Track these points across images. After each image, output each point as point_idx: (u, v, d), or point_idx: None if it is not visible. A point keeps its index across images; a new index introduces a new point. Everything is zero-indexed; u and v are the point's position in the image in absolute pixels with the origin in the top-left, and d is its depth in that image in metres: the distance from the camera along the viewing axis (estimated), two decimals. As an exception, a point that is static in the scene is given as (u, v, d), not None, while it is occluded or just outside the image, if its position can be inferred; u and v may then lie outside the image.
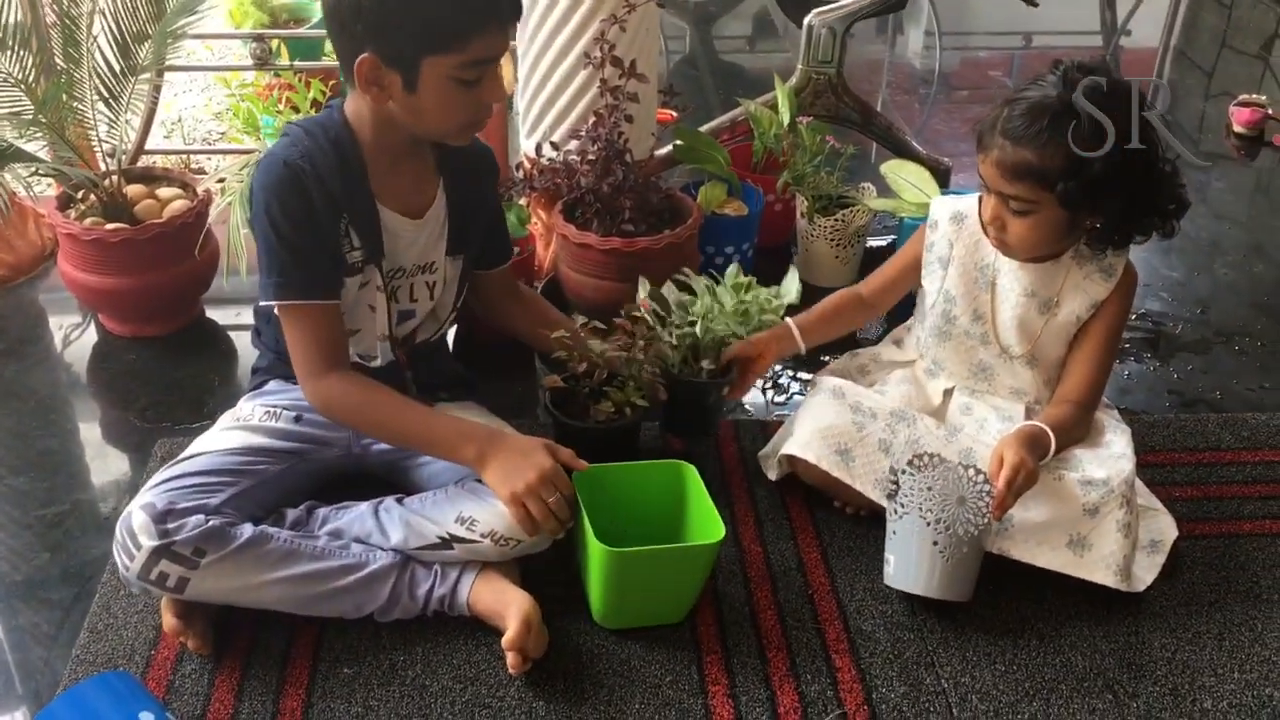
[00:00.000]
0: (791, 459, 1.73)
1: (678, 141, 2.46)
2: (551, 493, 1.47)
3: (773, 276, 2.53)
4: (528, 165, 2.27)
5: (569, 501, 1.50)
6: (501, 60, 1.50)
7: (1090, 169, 1.51)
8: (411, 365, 1.69)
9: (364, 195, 1.55)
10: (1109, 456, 1.65)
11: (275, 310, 1.55)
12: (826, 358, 1.91)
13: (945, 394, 1.80)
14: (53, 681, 1.48)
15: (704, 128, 2.61)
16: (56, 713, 1.27)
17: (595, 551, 1.47)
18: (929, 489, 1.51)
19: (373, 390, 1.56)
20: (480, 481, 1.55)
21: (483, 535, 1.51)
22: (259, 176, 1.51)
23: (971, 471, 1.51)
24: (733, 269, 1.91)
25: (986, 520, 1.52)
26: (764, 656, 1.53)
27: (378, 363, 1.65)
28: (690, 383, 1.78)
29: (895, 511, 1.55)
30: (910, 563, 1.55)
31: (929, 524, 1.51)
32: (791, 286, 1.85)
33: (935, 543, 1.51)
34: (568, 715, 1.43)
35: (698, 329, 1.78)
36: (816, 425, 1.69)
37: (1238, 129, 3.44)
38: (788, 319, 1.82)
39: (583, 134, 2.17)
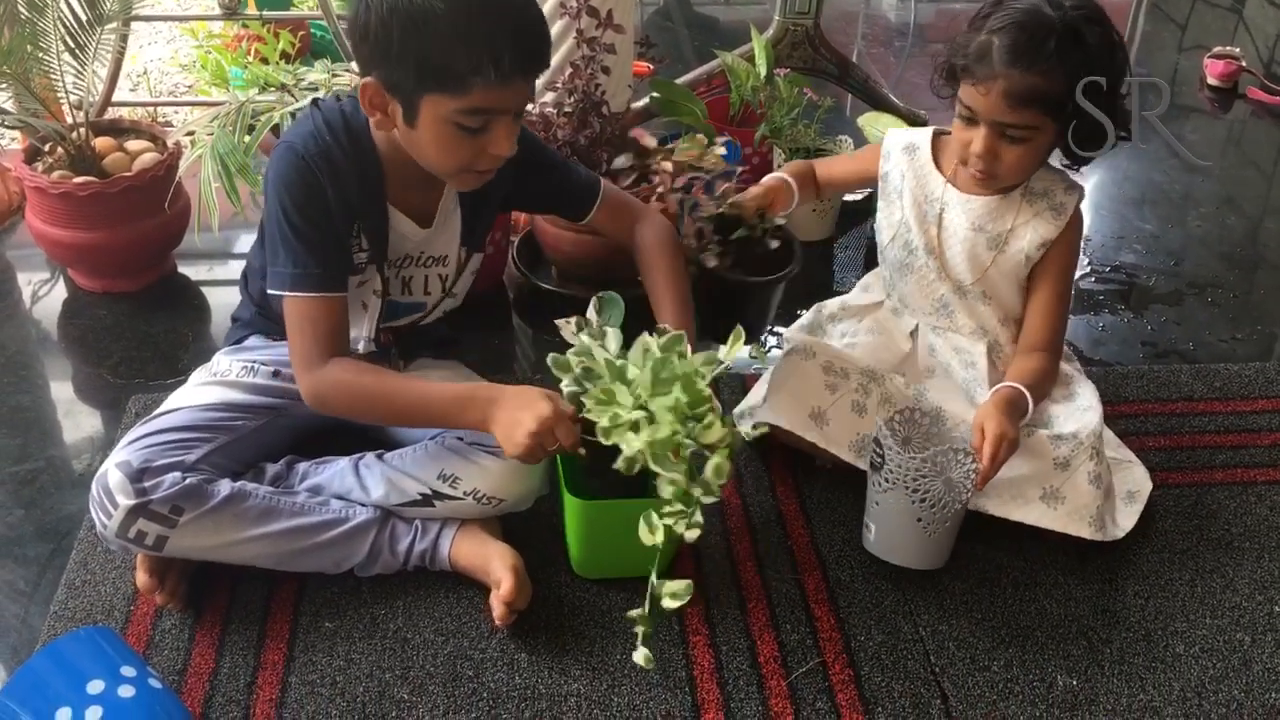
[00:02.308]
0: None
1: (655, 94, 2.44)
2: (553, 442, 1.39)
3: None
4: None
5: (570, 445, 1.42)
6: (512, 116, 1.41)
7: (1094, 88, 1.51)
8: (398, 340, 1.67)
9: (378, 200, 1.51)
10: (1076, 409, 1.67)
11: (283, 298, 1.50)
12: (800, 312, 1.91)
13: (911, 335, 1.80)
14: (31, 638, 1.47)
15: (681, 80, 2.58)
16: (37, 668, 1.26)
17: (568, 502, 1.48)
18: (916, 469, 1.50)
19: (364, 380, 1.47)
20: (461, 439, 1.55)
21: (465, 493, 1.51)
22: (274, 163, 1.47)
23: (961, 455, 1.51)
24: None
25: (969, 495, 1.53)
26: (744, 607, 1.54)
27: (360, 350, 1.63)
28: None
29: (879, 485, 1.55)
30: (893, 535, 1.56)
31: (914, 502, 1.51)
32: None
33: (920, 519, 1.52)
34: (549, 666, 1.44)
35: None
36: (789, 390, 1.68)
37: (1211, 82, 3.44)
38: (781, 174, 1.80)
39: (559, 86, 2.14)
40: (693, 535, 1.34)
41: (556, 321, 1.49)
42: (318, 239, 1.46)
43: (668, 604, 1.35)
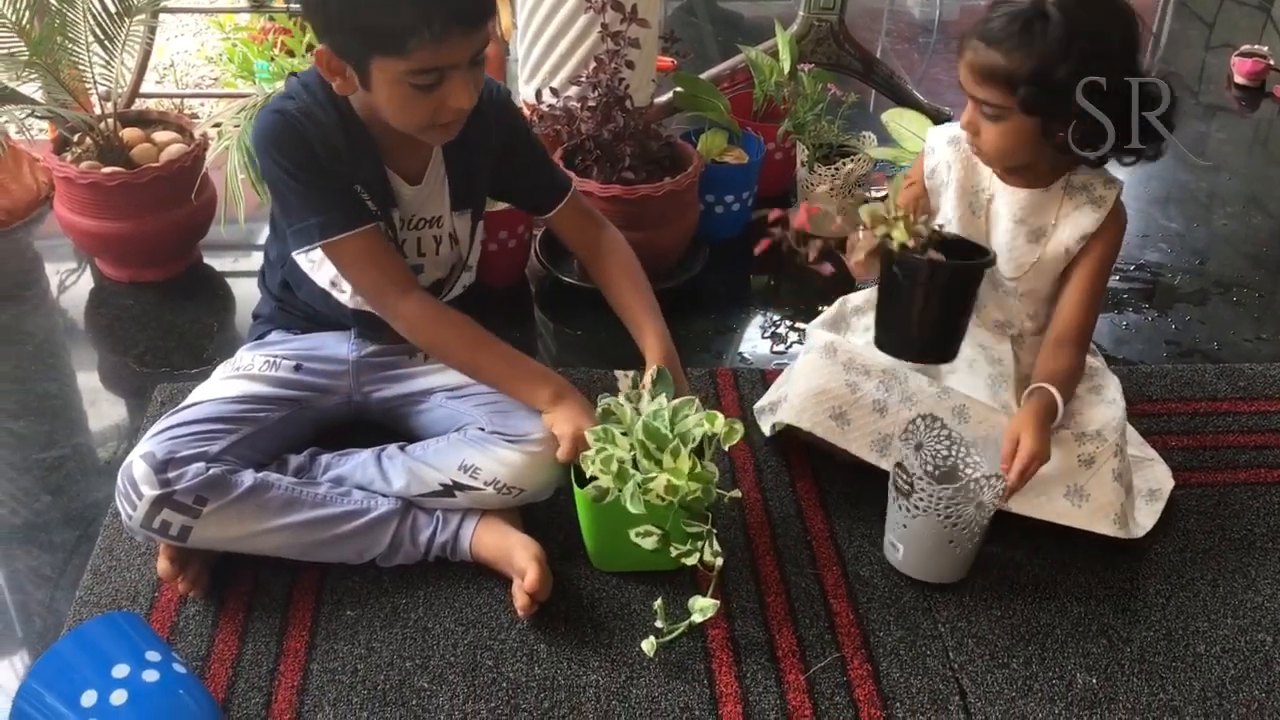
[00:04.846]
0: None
1: (678, 88, 2.44)
2: (575, 455, 1.49)
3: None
4: (527, 111, 2.25)
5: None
6: (466, 66, 1.40)
7: (1053, 75, 1.49)
8: None
9: (373, 157, 1.52)
10: (1100, 403, 1.67)
11: (322, 251, 1.52)
12: (822, 307, 1.91)
13: None
14: (57, 623, 1.49)
15: (704, 75, 2.59)
16: (63, 652, 1.27)
17: (578, 496, 1.50)
18: (948, 499, 1.49)
19: (453, 320, 1.56)
20: (482, 430, 1.56)
21: (486, 483, 1.52)
22: (256, 128, 1.49)
23: (993, 479, 1.50)
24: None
25: (994, 509, 1.53)
26: (763, 601, 1.55)
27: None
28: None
29: (909, 510, 1.54)
30: (924, 557, 1.55)
31: (945, 527, 1.51)
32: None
33: (951, 541, 1.52)
34: (569, 657, 1.45)
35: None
36: (810, 389, 1.67)
37: (1239, 80, 3.42)
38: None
39: (583, 80, 2.15)
40: (718, 563, 1.43)
41: (616, 373, 1.57)
42: (324, 183, 1.48)
43: (696, 619, 1.44)
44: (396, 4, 1.32)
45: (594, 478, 1.45)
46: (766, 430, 1.81)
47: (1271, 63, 3.41)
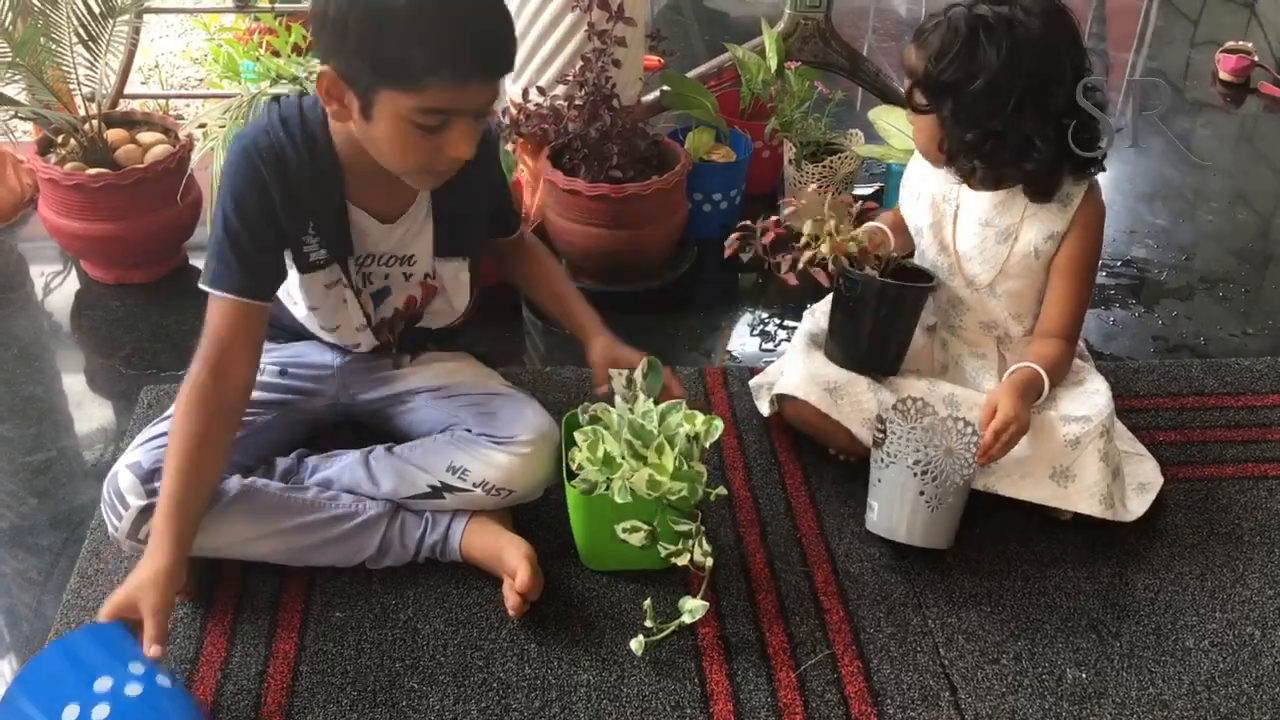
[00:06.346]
0: (782, 399, 1.74)
1: (665, 87, 2.44)
2: None
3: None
4: (514, 110, 2.25)
5: None
6: (473, 116, 1.34)
7: (932, 75, 1.56)
8: (399, 340, 1.65)
9: (334, 197, 1.46)
10: (1085, 393, 1.67)
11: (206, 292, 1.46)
12: (809, 305, 1.91)
13: (927, 331, 1.81)
14: (44, 627, 1.48)
15: (691, 74, 2.58)
16: (47, 661, 1.25)
17: (569, 493, 1.50)
18: (917, 439, 1.51)
19: (215, 431, 1.39)
20: (470, 431, 1.55)
21: (475, 485, 1.52)
22: (228, 154, 1.43)
23: (961, 424, 1.52)
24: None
25: (972, 470, 1.53)
26: (753, 599, 1.55)
27: (363, 349, 1.64)
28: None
29: (881, 460, 1.56)
30: (894, 510, 1.56)
31: (915, 475, 1.52)
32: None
33: (921, 493, 1.52)
34: (559, 657, 1.45)
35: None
36: (807, 371, 1.70)
37: (1224, 76, 3.43)
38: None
39: (570, 78, 2.15)
40: (709, 564, 1.45)
41: (609, 370, 1.58)
42: (251, 248, 1.42)
43: (686, 620, 1.45)
44: (425, 38, 1.25)
45: (581, 467, 1.45)
46: (764, 409, 1.82)
47: (1256, 59, 3.42)
